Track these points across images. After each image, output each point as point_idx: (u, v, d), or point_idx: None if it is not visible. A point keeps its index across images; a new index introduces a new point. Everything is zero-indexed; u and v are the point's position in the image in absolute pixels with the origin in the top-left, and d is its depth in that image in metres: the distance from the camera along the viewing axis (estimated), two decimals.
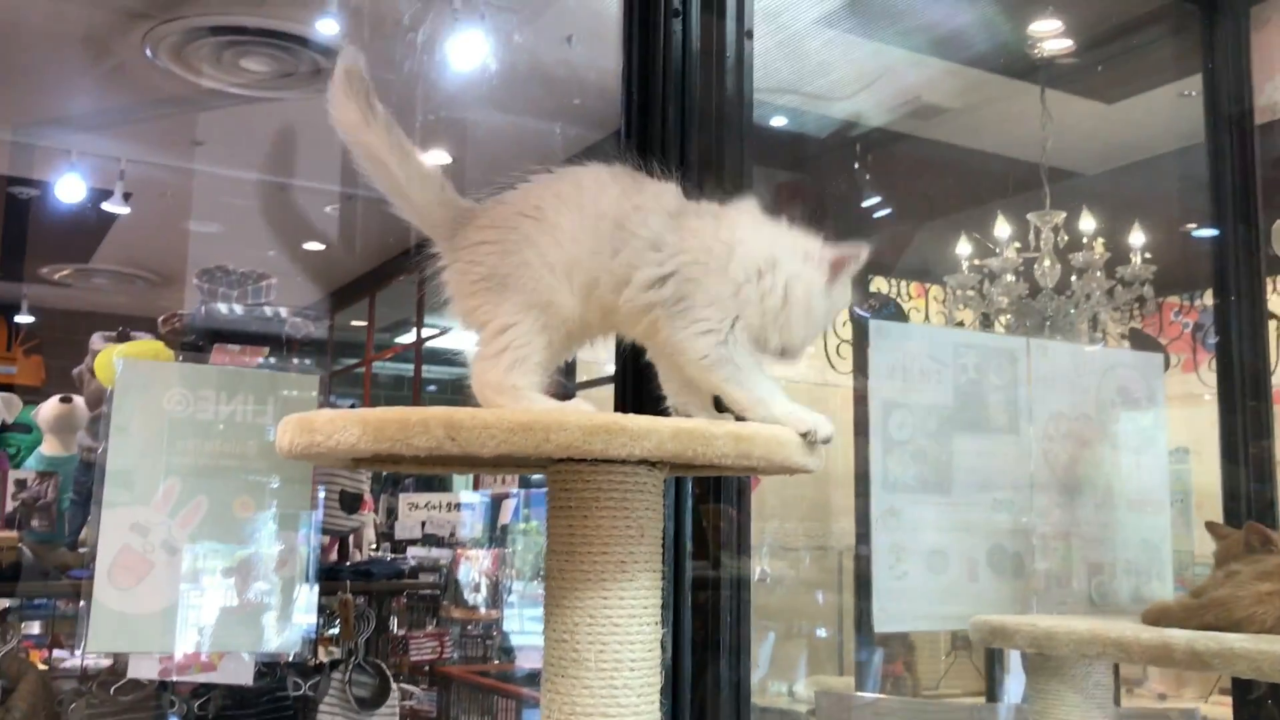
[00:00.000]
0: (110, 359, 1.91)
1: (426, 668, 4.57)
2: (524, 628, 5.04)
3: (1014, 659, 3.90)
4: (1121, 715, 2.15)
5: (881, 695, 3.10)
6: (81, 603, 1.70)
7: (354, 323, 7.39)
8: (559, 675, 1.16)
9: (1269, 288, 2.49)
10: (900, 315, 4.24)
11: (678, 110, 2.05)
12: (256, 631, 1.85)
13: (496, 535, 5.51)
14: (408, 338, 7.32)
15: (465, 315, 1.26)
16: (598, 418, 1.07)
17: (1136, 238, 4.44)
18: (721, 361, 1.20)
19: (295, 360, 2.14)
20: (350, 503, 3.03)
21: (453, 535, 5.41)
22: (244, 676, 2.62)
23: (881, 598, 1.84)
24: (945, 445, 1.88)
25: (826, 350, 4.24)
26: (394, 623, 4.39)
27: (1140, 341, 4.37)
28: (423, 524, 5.45)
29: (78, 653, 2.71)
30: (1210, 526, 1.79)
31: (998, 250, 4.48)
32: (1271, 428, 2.20)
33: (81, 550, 2.64)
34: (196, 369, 1.83)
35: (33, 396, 3.10)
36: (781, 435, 1.18)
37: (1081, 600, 2.02)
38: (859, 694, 2.88)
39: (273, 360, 2.06)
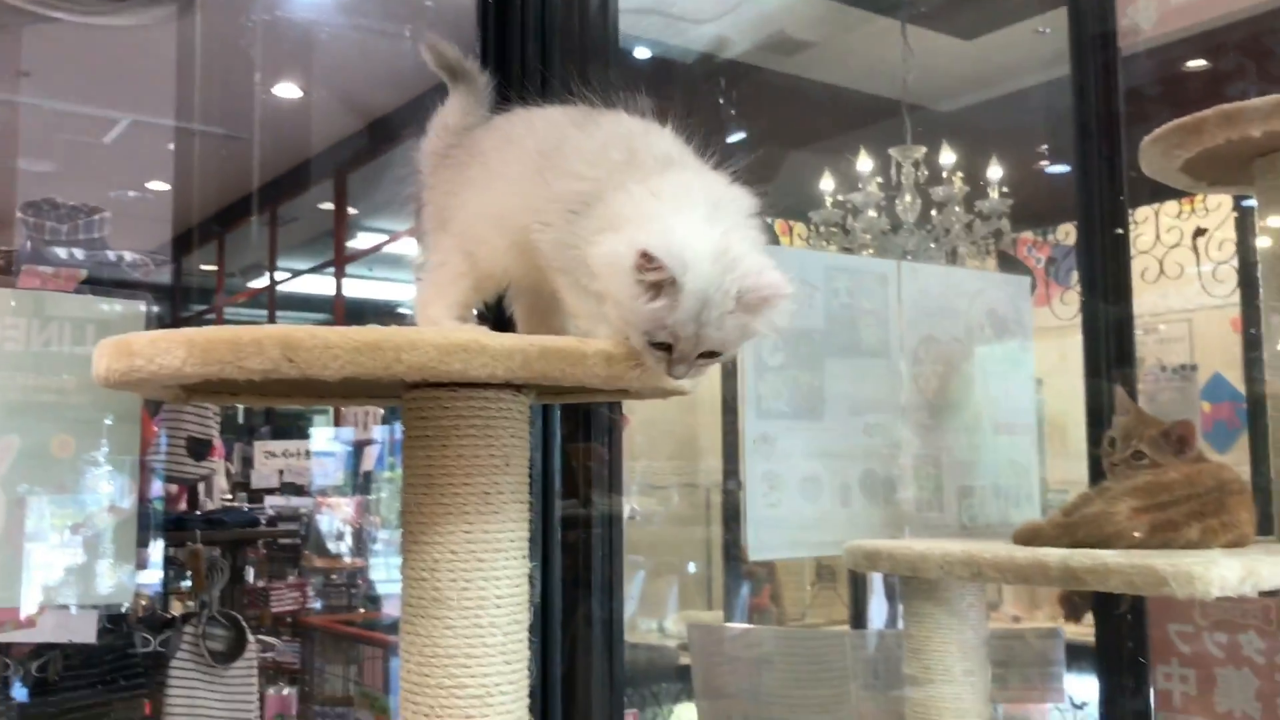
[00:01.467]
0: None
1: (289, 619, 4.44)
2: (390, 576, 4.93)
3: (877, 587, 3.97)
4: (990, 637, 2.17)
5: (751, 626, 3.10)
6: None
7: (204, 266, 7.08)
8: (419, 616, 1.08)
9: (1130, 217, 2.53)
10: (773, 241, 4.23)
11: (537, 34, 1.95)
12: (85, 582, 1.71)
13: (359, 483, 5.36)
14: (261, 282, 7.05)
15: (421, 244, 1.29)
16: (455, 335, 0.98)
17: (994, 172, 4.51)
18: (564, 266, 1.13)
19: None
20: (198, 449, 2.87)
21: (312, 484, 5.25)
22: (86, 634, 2.47)
23: (755, 526, 1.80)
24: (817, 370, 1.84)
25: None
26: (252, 574, 4.23)
27: (1006, 262, 4.45)
28: (280, 472, 5.28)
29: None
30: (1119, 393, 1.77)
31: (860, 185, 4.49)
32: (1133, 356, 2.23)
33: None
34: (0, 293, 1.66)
35: None
36: None
37: (952, 523, 2.02)
38: (729, 625, 2.88)
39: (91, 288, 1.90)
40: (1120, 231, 2.24)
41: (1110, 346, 2.17)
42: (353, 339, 0.94)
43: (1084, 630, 2.43)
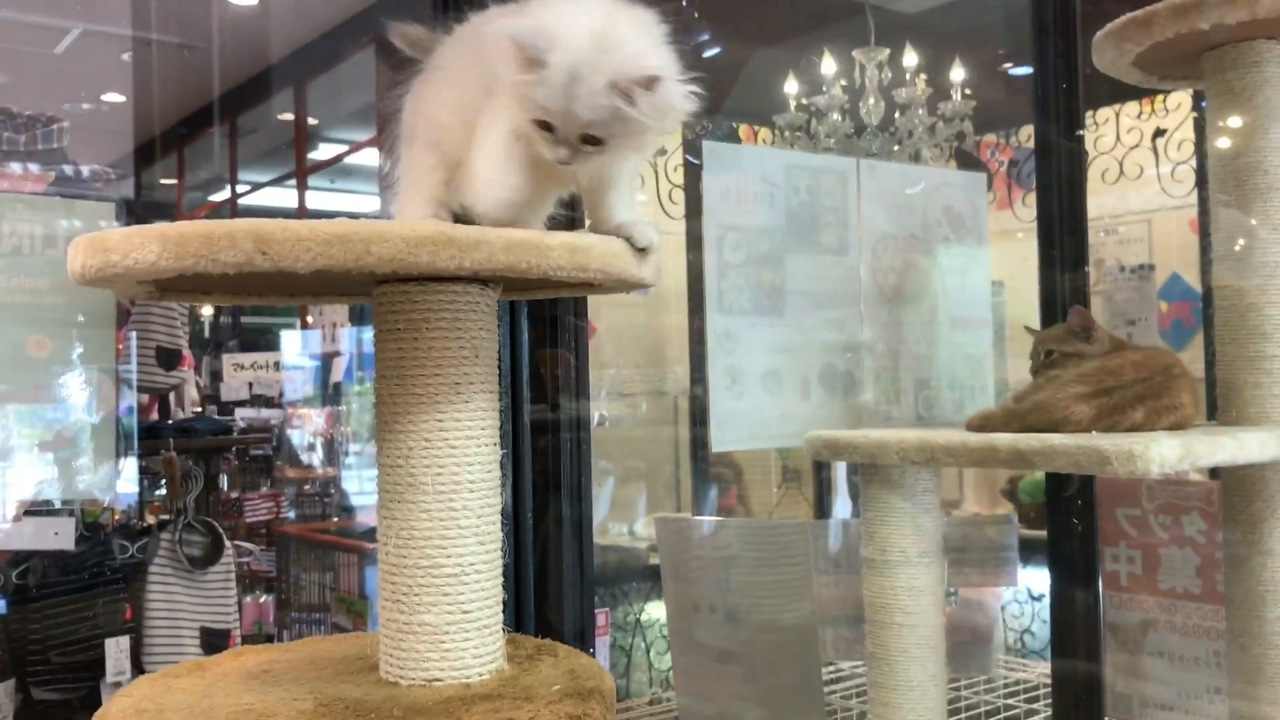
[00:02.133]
0: None
1: (264, 529, 4.50)
2: (362, 488, 4.99)
3: (841, 488, 4.06)
4: (948, 524, 2.25)
5: (717, 518, 3.17)
6: None
7: (163, 180, 6.99)
8: (395, 501, 1.13)
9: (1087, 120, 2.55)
10: (735, 140, 4.23)
11: None
12: (67, 477, 1.74)
13: (329, 394, 5.39)
14: (222, 195, 6.97)
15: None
16: (423, 228, 1.01)
17: (957, 74, 4.52)
18: None
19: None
20: (167, 359, 2.89)
21: (282, 395, 5.27)
22: (65, 541, 2.51)
23: (718, 419, 1.86)
24: (778, 267, 1.88)
25: (659, 196, 4.21)
26: (226, 483, 4.28)
27: (965, 161, 4.48)
28: (250, 385, 5.29)
29: None
30: (1028, 329, 1.86)
31: (824, 89, 4.49)
32: (1086, 258, 2.27)
33: None
34: None
35: None
36: (617, 247, 1.14)
37: (909, 415, 2.08)
38: (695, 518, 2.95)
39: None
40: (1078, 133, 2.27)
41: (1064, 248, 2.21)
42: (323, 231, 0.97)
43: (1038, 531, 2.52)
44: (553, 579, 2.05)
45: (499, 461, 1.17)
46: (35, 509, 2.50)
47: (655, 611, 3.53)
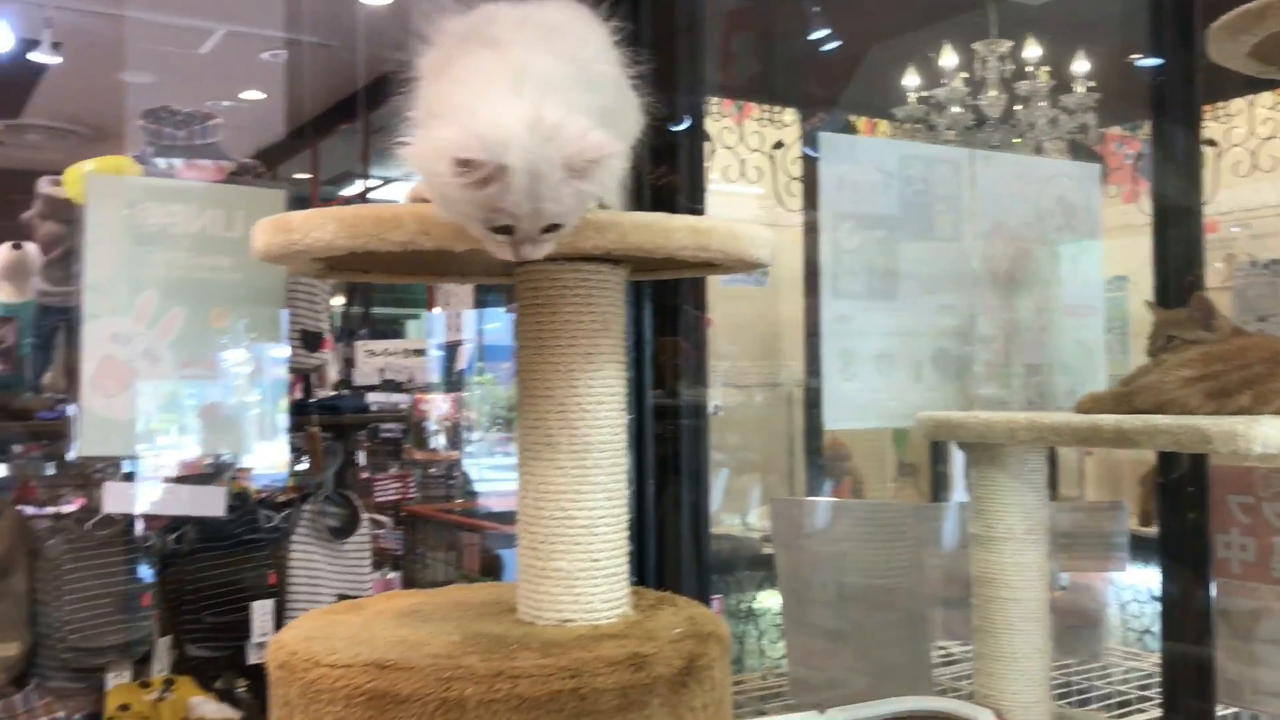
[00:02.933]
0: (80, 173, 1.92)
1: (392, 508, 4.69)
2: (483, 476, 5.17)
3: (958, 480, 4.08)
4: (1059, 509, 2.29)
5: (828, 499, 3.22)
6: (70, 408, 1.75)
7: (297, 175, 7.28)
8: (534, 459, 1.24)
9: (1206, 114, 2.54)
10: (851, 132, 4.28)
11: None
12: (236, 435, 1.92)
13: (453, 380, 5.59)
14: (353, 189, 7.25)
15: None
16: None
17: (1080, 66, 4.49)
18: None
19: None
20: (312, 341, 3.08)
21: (410, 381, 5.48)
22: (216, 509, 2.70)
23: (831, 399, 1.94)
24: (891, 253, 1.96)
25: (776, 189, 4.28)
26: (363, 458, 4.48)
27: (1079, 152, 4.45)
28: (381, 370, 5.52)
29: (48, 509, 2.77)
30: (1149, 304, 1.89)
31: (944, 81, 4.50)
32: (1201, 251, 2.28)
33: (45, 395, 2.67)
34: (166, 183, 1.85)
35: None
36: (737, 229, 1.24)
37: (1020, 400, 2.13)
38: (807, 499, 3.02)
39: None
40: (1198, 126, 2.27)
41: (1177, 243, 2.21)
42: None
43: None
44: (671, 560, 2.14)
45: (625, 427, 1.28)
46: (189, 477, 2.71)
47: (767, 600, 3.61)
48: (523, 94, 1.01)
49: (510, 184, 0.97)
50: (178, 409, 1.81)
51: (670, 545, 2.14)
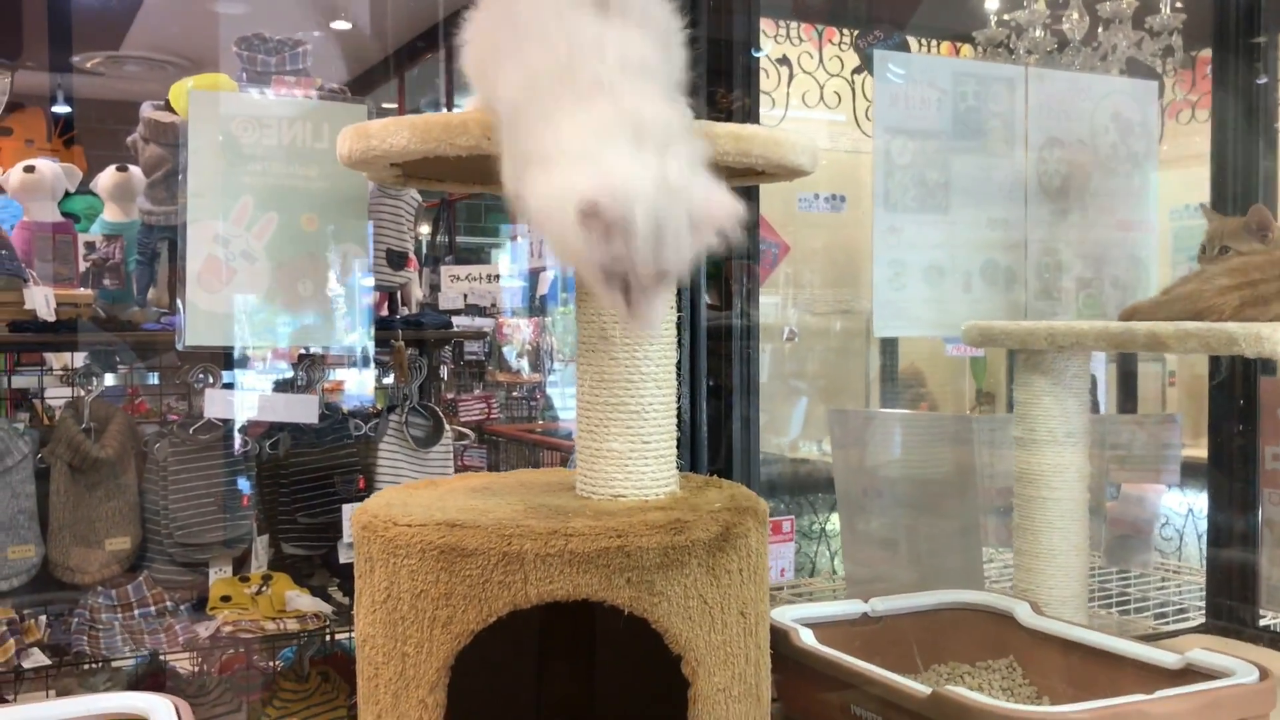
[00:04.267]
0: (184, 89, 2.08)
1: (475, 428, 4.85)
2: (565, 402, 5.32)
3: None
4: (1111, 420, 2.36)
5: (886, 410, 3.29)
6: (176, 303, 1.93)
7: (385, 105, 7.42)
8: (591, 351, 1.36)
9: None
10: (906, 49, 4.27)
11: None
12: (328, 330, 2.08)
13: (535, 306, 5.73)
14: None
15: None
16: None
17: None
18: None
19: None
20: (396, 260, 3.22)
21: (494, 305, 5.63)
22: (310, 416, 2.87)
23: (880, 307, 2.03)
24: (944, 168, 2.02)
25: (855, 114, 4.30)
26: (445, 374, 4.64)
27: (1136, 69, 4.38)
28: (465, 295, 5.68)
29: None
30: (1204, 208, 1.94)
31: (1025, 3, 4.45)
32: (1259, 182, 2.28)
33: (150, 309, 2.86)
34: (259, 98, 2.01)
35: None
36: (778, 135, 1.33)
37: (1070, 312, 2.19)
38: (865, 410, 3.11)
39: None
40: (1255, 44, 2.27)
41: (1239, 169, 2.23)
42: None
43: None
44: (722, 467, 2.21)
45: (674, 322, 1.39)
46: (283, 384, 2.88)
47: (839, 522, 3.70)
48: (645, 147, 1.00)
49: (634, 238, 0.97)
50: (273, 307, 1.97)
51: (722, 457, 2.21)
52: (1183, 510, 3.23)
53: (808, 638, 1.62)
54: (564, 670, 1.62)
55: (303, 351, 2.56)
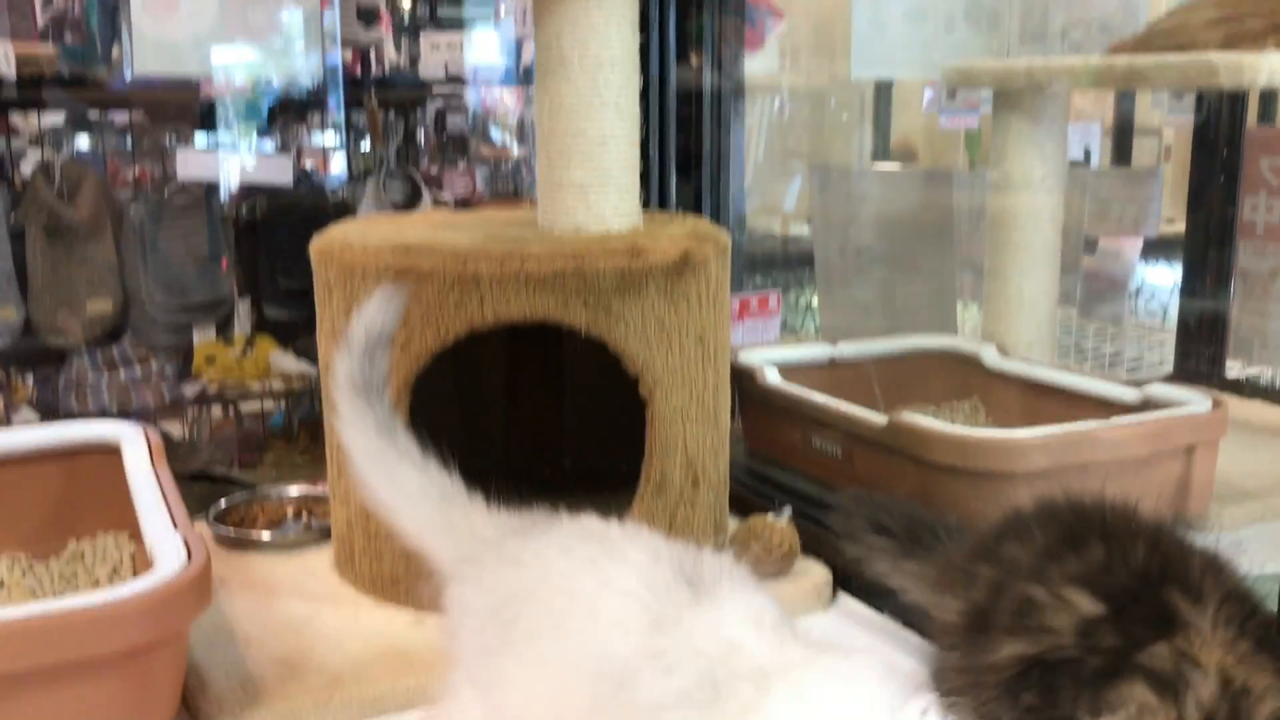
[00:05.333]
0: None
1: (461, 202, 4.81)
2: None
3: None
4: (1092, 173, 2.33)
5: (869, 168, 3.23)
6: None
7: None
8: (548, 77, 1.32)
9: None
10: None
11: None
12: (286, 61, 2.01)
13: (521, 75, 5.58)
14: None
15: None
16: None
17: None
18: None
19: None
20: (367, 15, 3.12)
21: (475, 75, 5.49)
22: (284, 177, 2.84)
23: (858, 46, 1.97)
24: None
25: None
26: (421, 141, 4.57)
27: None
28: (445, 64, 5.52)
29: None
30: None
31: None
32: None
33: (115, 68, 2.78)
34: None
35: None
36: None
37: (1055, 52, 2.13)
38: (848, 166, 3.07)
39: None
40: None
41: None
42: None
43: None
44: None
45: (637, 46, 1.34)
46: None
47: (816, 279, 3.72)
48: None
49: None
50: (224, 34, 1.88)
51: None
52: (1168, 285, 3.24)
53: (773, 377, 1.64)
54: (532, 398, 1.66)
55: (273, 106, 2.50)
